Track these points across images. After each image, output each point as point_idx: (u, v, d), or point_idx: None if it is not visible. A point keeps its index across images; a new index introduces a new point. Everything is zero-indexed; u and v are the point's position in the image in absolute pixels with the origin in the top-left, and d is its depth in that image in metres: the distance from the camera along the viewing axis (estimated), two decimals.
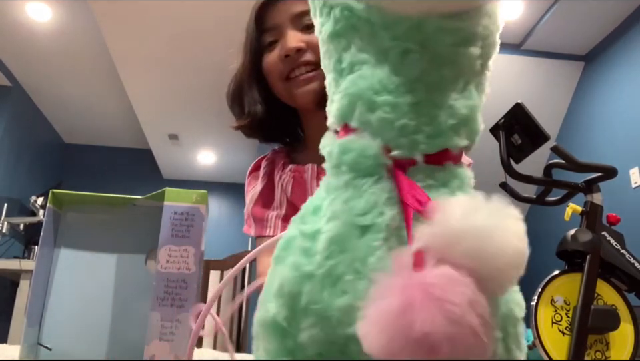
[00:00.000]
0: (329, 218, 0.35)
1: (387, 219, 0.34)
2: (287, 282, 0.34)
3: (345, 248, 0.33)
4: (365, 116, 0.36)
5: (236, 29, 3.77)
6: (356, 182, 0.35)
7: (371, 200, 0.34)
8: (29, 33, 3.99)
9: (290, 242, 0.37)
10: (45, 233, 0.64)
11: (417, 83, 0.35)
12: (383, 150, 0.35)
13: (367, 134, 0.36)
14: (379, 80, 0.35)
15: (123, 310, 0.67)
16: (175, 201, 0.62)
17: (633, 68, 3.61)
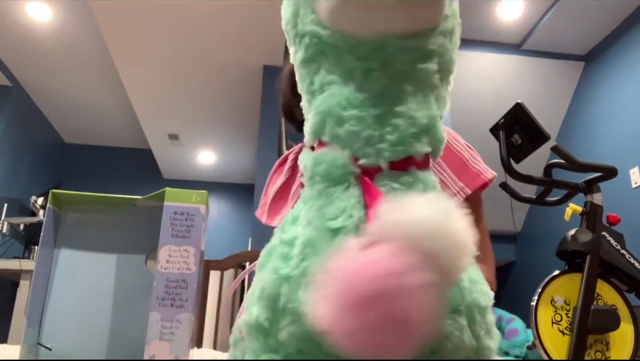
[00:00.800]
0: (304, 225, 0.39)
1: (355, 220, 0.37)
2: (267, 286, 0.37)
3: (318, 250, 0.36)
4: (334, 130, 0.39)
5: (236, 29, 3.76)
6: (328, 190, 0.39)
7: (341, 206, 0.38)
8: (29, 33, 3.99)
9: (271, 249, 0.40)
10: (45, 233, 0.64)
11: (380, 98, 0.39)
12: (352, 159, 0.39)
13: (337, 147, 0.40)
14: (345, 97, 0.39)
15: (123, 310, 0.67)
16: (175, 201, 0.62)
17: (633, 68, 3.61)
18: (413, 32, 0.39)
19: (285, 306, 0.36)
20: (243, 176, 6.16)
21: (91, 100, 5.07)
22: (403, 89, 0.40)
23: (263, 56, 3.73)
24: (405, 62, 0.40)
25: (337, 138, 0.39)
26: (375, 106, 0.39)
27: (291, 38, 0.44)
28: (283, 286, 0.36)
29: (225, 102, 4.42)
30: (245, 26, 3.39)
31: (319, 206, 0.39)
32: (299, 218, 0.40)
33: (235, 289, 0.70)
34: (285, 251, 0.38)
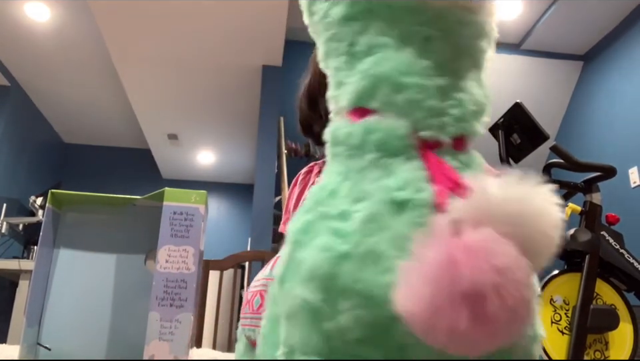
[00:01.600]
0: (357, 198, 0.35)
1: (425, 195, 0.33)
2: (319, 264, 0.33)
3: (384, 225, 0.33)
4: (390, 97, 0.36)
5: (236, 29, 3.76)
6: (383, 161, 0.35)
7: (405, 177, 0.34)
8: (28, 33, 3.98)
9: (309, 225, 0.36)
10: (44, 233, 0.64)
11: (442, 69, 0.36)
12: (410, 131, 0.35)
13: (391, 116, 0.36)
14: (404, 62, 0.36)
15: (122, 309, 0.66)
16: (174, 201, 0.62)
17: (631, 67, 3.61)
18: (472, 7, 0.37)
19: (347, 287, 0.32)
20: (243, 176, 6.16)
21: (90, 100, 5.07)
22: (462, 63, 0.37)
23: (263, 56, 3.73)
24: (465, 36, 0.37)
25: (392, 106, 0.36)
26: (438, 76, 0.36)
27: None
28: (342, 265, 0.32)
29: (224, 102, 4.41)
30: (245, 27, 3.39)
31: (375, 177, 0.35)
32: (338, 191, 0.36)
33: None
34: (336, 226, 0.34)
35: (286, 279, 0.36)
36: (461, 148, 0.37)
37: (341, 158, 0.38)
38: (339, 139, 0.39)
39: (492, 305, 0.27)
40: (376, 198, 0.34)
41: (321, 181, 0.39)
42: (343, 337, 0.32)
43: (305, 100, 1.08)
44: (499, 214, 0.29)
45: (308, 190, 1.03)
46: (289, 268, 0.36)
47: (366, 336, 0.32)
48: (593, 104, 3.98)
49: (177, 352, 0.57)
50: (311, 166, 1.11)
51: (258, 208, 3.51)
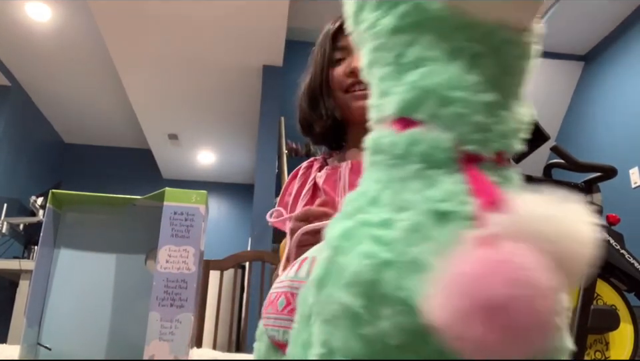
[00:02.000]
0: (400, 207, 0.35)
1: (469, 207, 0.34)
2: (362, 270, 0.34)
3: (427, 235, 0.33)
4: (436, 110, 0.36)
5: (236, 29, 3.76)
6: (426, 172, 0.36)
7: (448, 189, 0.35)
8: (28, 33, 3.98)
9: (350, 231, 0.36)
10: (44, 233, 0.64)
11: (488, 85, 0.37)
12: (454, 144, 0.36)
13: (436, 128, 0.36)
14: (451, 77, 0.37)
15: (122, 310, 0.66)
16: (175, 201, 0.62)
17: (632, 67, 3.61)
18: (521, 28, 0.38)
19: (389, 294, 0.32)
20: (243, 176, 6.16)
21: (90, 100, 5.07)
22: (508, 81, 0.39)
23: (263, 56, 3.73)
24: (512, 56, 0.39)
25: (438, 119, 0.36)
26: (485, 92, 0.37)
27: (370, 4, 0.41)
28: (384, 272, 0.33)
29: (225, 102, 4.42)
30: (245, 26, 3.39)
31: (417, 187, 0.35)
32: (379, 199, 0.37)
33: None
34: (379, 234, 0.35)
35: (326, 283, 0.36)
36: (501, 164, 0.38)
37: (381, 167, 0.39)
38: (382, 148, 0.39)
39: (515, 317, 0.28)
40: (419, 209, 0.34)
41: (359, 188, 0.40)
42: (382, 342, 0.33)
43: (305, 100, 1.08)
44: (536, 232, 0.30)
45: (308, 185, 1.03)
46: (330, 273, 0.36)
47: (406, 343, 0.32)
48: (594, 104, 3.98)
49: (177, 352, 0.57)
50: (311, 162, 1.11)
51: (258, 208, 3.51)
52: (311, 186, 1.03)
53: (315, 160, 1.12)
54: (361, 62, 0.44)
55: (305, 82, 1.10)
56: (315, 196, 1.02)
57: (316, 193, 1.02)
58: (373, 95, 0.42)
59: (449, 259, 0.30)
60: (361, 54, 0.44)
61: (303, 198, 1.02)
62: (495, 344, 0.28)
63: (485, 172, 0.36)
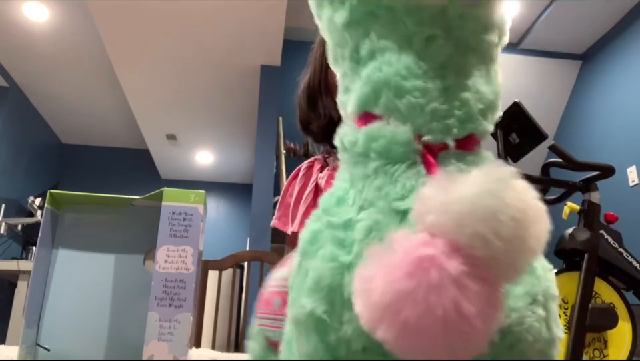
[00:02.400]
0: (362, 207, 0.34)
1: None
2: (323, 275, 0.33)
3: (385, 234, 0.32)
4: (392, 102, 0.35)
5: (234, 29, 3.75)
6: (387, 168, 0.35)
7: (407, 185, 0.34)
8: (26, 33, 3.98)
9: (317, 235, 0.35)
10: (43, 234, 0.64)
11: (445, 68, 0.35)
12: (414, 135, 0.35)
13: (394, 121, 0.35)
14: (405, 65, 0.35)
15: (121, 310, 0.66)
16: (173, 201, 0.62)
17: (630, 66, 3.62)
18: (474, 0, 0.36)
19: (350, 298, 0.31)
20: (241, 176, 6.16)
21: (88, 101, 5.06)
22: (467, 60, 0.36)
23: (261, 56, 3.73)
24: (468, 31, 0.36)
25: (395, 111, 0.35)
26: (440, 77, 0.35)
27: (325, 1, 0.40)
28: (345, 276, 0.32)
29: (223, 102, 4.41)
30: (243, 26, 3.39)
31: (378, 185, 0.34)
32: (346, 200, 0.36)
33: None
34: (340, 236, 0.34)
35: (293, 288, 0.36)
36: (470, 148, 0.36)
37: (347, 165, 0.38)
38: (345, 146, 0.38)
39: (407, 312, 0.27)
40: (378, 207, 0.34)
41: (331, 188, 0.39)
42: (348, 347, 0.32)
43: (304, 98, 1.07)
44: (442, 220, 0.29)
45: (310, 186, 1.03)
46: (297, 277, 0.36)
47: (369, 346, 0.32)
48: (592, 103, 3.99)
49: (176, 352, 0.57)
50: (311, 162, 1.11)
51: (257, 208, 3.51)
52: (313, 188, 1.02)
53: (315, 160, 1.12)
54: (328, 59, 0.42)
55: (304, 80, 1.09)
56: (317, 197, 1.02)
57: (318, 194, 1.02)
58: (339, 92, 0.41)
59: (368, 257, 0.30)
60: (327, 52, 0.42)
61: (305, 201, 1.01)
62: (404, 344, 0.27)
63: (450, 160, 0.35)
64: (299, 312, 0.34)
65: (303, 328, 0.34)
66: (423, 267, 0.27)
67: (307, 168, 1.10)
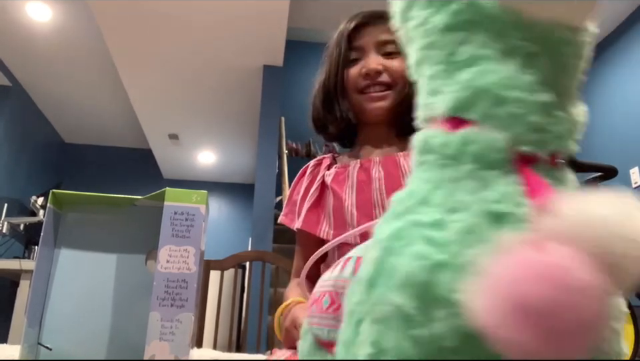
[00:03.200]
0: (453, 208, 0.35)
1: (524, 209, 0.33)
2: (414, 272, 0.33)
3: (482, 237, 0.33)
4: (490, 110, 0.36)
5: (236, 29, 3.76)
6: (480, 173, 0.36)
7: (503, 190, 0.34)
8: (29, 33, 3.99)
9: (401, 232, 0.36)
10: (45, 233, 0.64)
11: (544, 85, 0.37)
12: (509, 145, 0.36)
13: (490, 128, 0.36)
14: (507, 76, 0.36)
15: (123, 310, 0.67)
16: (175, 201, 0.62)
17: (632, 67, 3.61)
18: (576, 27, 0.38)
19: (445, 296, 0.32)
20: (243, 176, 6.16)
21: (90, 100, 5.08)
22: (562, 82, 0.38)
23: (263, 56, 3.73)
24: (568, 55, 0.38)
25: (493, 119, 0.36)
26: (541, 92, 0.36)
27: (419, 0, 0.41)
28: (438, 274, 0.33)
29: (225, 102, 4.42)
30: (246, 26, 3.39)
31: (472, 188, 0.35)
32: (430, 200, 0.37)
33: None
34: (431, 235, 0.34)
35: (377, 284, 0.36)
36: (555, 165, 0.37)
37: (431, 166, 0.38)
38: (432, 147, 0.38)
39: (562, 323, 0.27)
40: (473, 210, 0.34)
41: (407, 187, 0.39)
42: (437, 344, 0.33)
43: (319, 100, 1.07)
44: (585, 234, 0.29)
45: (317, 183, 1.03)
46: (381, 273, 0.36)
47: (460, 345, 0.32)
48: (594, 104, 3.98)
49: (177, 352, 0.57)
50: (320, 160, 1.10)
51: (259, 208, 3.51)
52: (319, 185, 1.03)
53: (323, 158, 1.12)
54: (410, 59, 0.43)
55: (320, 80, 1.09)
56: (322, 194, 1.02)
57: (324, 191, 1.02)
58: (421, 93, 0.42)
59: (494, 261, 0.30)
60: (409, 52, 0.43)
61: (311, 198, 1.01)
62: (538, 349, 0.28)
63: (540, 173, 0.36)
64: (386, 307, 0.34)
65: (389, 324, 0.34)
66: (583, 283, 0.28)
67: (315, 165, 1.10)
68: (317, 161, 1.10)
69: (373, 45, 1.01)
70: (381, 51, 1.01)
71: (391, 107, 0.96)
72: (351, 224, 0.92)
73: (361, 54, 1.02)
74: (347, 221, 0.92)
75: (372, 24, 1.03)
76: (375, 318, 0.35)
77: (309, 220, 0.99)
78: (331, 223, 0.96)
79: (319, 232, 0.96)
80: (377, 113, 1.00)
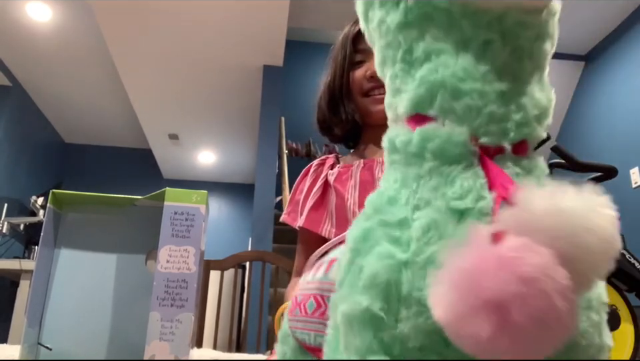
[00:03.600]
0: (417, 206, 0.35)
1: (487, 202, 0.33)
2: (380, 272, 0.33)
3: (443, 233, 0.33)
4: (448, 103, 0.35)
5: (236, 29, 3.76)
6: (442, 169, 0.35)
7: (465, 186, 0.34)
8: (29, 33, 3.99)
9: (369, 232, 0.36)
10: (45, 233, 0.64)
11: (501, 73, 0.36)
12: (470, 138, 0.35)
13: (450, 123, 0.36)
14: (462, 68, 0.35)
15: (123, 310, 0.67)
16: (175, 201, 0.62)
17: (633, 67, 3.61)
18: (532, 8, 0.37)
19: (408, 295, 0.32)
20: (243, 176, 6.16)
21: (91, 100, 5.08)
22: (523, 67, 0.37)
23: (263, 56, 3.73)
24: (525, 39, 0.37)
25: (451, 113, 0.35)
26: (497, 81, 0.35)
27: (375, 2, 0.40)
28: (403, 273, 0.33)
29: (225, 102, 4.42)
30: (246, 26, 3.39)
31: (434, 185, 0.35)
32: (398, 199, 0.36)
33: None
34: (395, 234, 0.34)
35: (345, 285, 0.36)
36: (523, 154, 0.36)
37: (398, 166, 0.38)
38: (397, 147, 0.38)
39: (515, 315, 0.26)
40: (435, 207, 0.34)
41: (379, 188, 0.40)
42: (403, 345, 0.32)
43: (325, 102, 1.08)
44: (546, 226, 0.29)
45: (320, 182, 1.03)
46: (349, 275, 0.36)
47: (426, 344, 0.32)
48: (594, 104, 3.98)
49: (177, 352, 0.57)
50: (323, 159, 1.11)
51: (259, 208, 3.51)
52: (322, 184, 1.03)
53: (327, 158, 1.12)
54: (375, 61, 0.43)
55: (325, 82, 1.10)
56: (325, 193, 1.02)
57: (327, 190, 1.02)
58: (387, 94, 0.41)
59: (453, 256, 0.29)
60: (375, 53, 0.43)
61: (313, 196, 1.02)
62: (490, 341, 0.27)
63: (505, 164, 0.35)
64: (353, 308, 0.34)
65: (357, 324, 0.34)
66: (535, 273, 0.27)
67: (318, 165, 1.10)
68: (321, 161, 1.11)
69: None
70: None
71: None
72: (352, 223, 0.92)
73: (366, 56, 1.03)
74: (349, 220, 0.93)
75: None
76: (344, 321, 0.35)
77: (311, 219, 0.99)
78: (333, 221, 0.96)
79: (321, 231, 0.96)
80: (382, 115, 1.00)
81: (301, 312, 0.49)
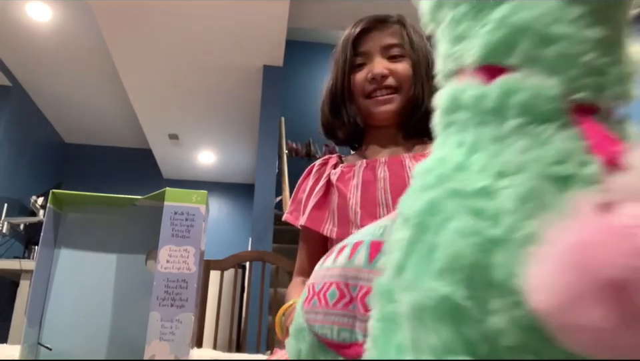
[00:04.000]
0: (501, 172, 0.28)
1: (591, 170, 0.27)
2: (462, 252, 0.27)
3: (544, 205, 0.26)
4: (534, 51, 0.30)
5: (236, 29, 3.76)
6: (530, 128, 0.29)
7: (563, 148, 0.28)
8: (29, 33, 3.99)
9: (437, 204, 0.29)
10: (45, 233, 0.64)
11: (597, 17, 0.30)
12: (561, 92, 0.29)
13: (535, 74, 0.30)
14: (550, 10, 0.29)
15: (123, 309, 0.67)
16: (175, 201, 0.62)
17: None
18: None
19: (501, 282, 0.25)
20: (243, 176, 6.16)
21: (91, 100, 5.08)
22: (617, 12, 0.31)
23: (263, 56, 3.73)
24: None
25: (538, 62, 0.29)
26: (594, 25, 0.29)
27: None
28: (495, 253, 0.26)
29: (225, 102, 4.42)
30: (246, 26, 3.39)
31: (523, 147, 0.28)
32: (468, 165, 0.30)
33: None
34: (477, 205, 0.28)
35: (409, 269, 0.29)
36: (615, 115, 0.31)
37: (463, 127, 0.32)
38: (464, 103, 0.32)
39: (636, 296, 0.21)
40: (529, 173, 0.28)
41: (432, 155, 0.33)
42: (492, 343, 0.26)
43: (327, 105, 1.08)
44: None
45: (322, 181, 1.03)
46: (415, 255, 0.29)
47: (521, 343, 0.26)
48: None
49: (177, 352, 0.57)
50: (326, 159, 1.11)
51: (259, 208, 3.51)
52: (324, 183, 1.03)
53: (330, 158, 1.12)
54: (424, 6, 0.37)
55: (327, 86, 1.10)
56: (327, 192, 1.02)
57: (329, 190, 1.03)
58: (441, 45, 0.35)
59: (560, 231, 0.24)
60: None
61: (316, 196, 1.02)
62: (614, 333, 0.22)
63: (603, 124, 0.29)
64: (426, 296, 0.28)
65: (431, 317, 0.28)
66: None
67: (321, 164, 1.11)
68: (323, 160, 1.11)
69: (378, 49, 1.03)
70: (385, 55, 1.02)
71: (397, 109, 0.98)
72: (354, 222, 0.92)
73: (367, 58, 1.04)
74: (351, 219, 0.93)
75: (376, 28, 1.04)
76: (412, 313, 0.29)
77: (313, 218, 0.99)
78: (335, 221, 0.96)
79: (323, 230, 0.97)
80: (384, 116, 1.01)
81: (320, 303, 0.43)
